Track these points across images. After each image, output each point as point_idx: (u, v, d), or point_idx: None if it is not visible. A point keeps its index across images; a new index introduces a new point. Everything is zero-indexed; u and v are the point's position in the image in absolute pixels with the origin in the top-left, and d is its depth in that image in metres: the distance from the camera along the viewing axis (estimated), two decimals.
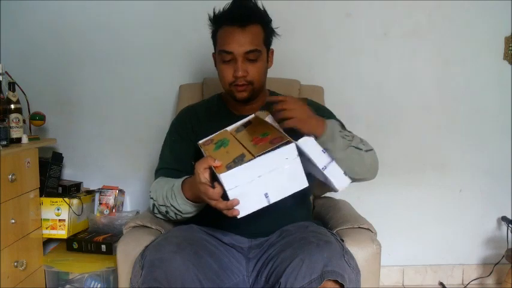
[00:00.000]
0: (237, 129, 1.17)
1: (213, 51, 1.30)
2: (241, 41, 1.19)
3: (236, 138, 1.11)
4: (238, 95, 1.25)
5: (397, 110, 2.01)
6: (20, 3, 1.91)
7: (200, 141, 1.19)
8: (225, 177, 0.96)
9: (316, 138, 1.07)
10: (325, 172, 1.04)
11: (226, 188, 0.97)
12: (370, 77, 1.99)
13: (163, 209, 1.22)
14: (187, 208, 1.17)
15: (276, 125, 1.11)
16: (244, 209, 1.00)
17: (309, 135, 1.06)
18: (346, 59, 1.98)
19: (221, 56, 1.23)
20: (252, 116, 1.19)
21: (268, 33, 1.27)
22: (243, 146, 1.05)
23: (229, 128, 1.19)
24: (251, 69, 1.21)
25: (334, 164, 1.05)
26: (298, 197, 1.30)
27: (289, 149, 0.99)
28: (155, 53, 1.96)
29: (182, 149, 1.30)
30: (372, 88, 1.99)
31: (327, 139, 1.10)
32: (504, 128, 2.02)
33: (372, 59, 1.98)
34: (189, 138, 1.30)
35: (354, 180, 1.19)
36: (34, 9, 1.92)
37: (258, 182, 0.98)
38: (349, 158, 1.13)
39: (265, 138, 1.04)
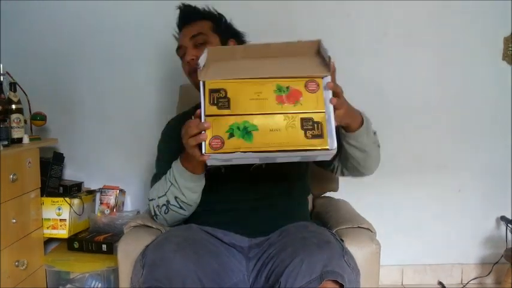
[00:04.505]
0: (220, 107, 0.96)
1: None
2: (186, 33, 1.30)
3: (250, 114, 0.95)
4: (197, 80, 1.25)
5: (397, 110, 2.01)
6: (20, 3, 1.92)
7: (203, 151, 0.95)
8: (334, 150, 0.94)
9: (353, 130, 1.07)
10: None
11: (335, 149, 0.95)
12: (370, 77, 1.99)
13: (162, 201, 1.18)
14: (186, 183, 1.13)
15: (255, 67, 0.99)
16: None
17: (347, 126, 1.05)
18: (346, 59, 1.97)
19: (178, 54, 1.32)
20: (203, 85, 0.98)
21: (221, 24, 1.33)
22: (283, 114, 0.94)
23: (203, 111, 0.97)
24: (200, 51, 1.21)
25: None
26: (297, 196, 1.32)
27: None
28: (156, 53, 1.96)
29: (176, 155, 1.29)
30: (371, 88, 2.00)
31: (364, 132, 1.09)
32: (503, 128, 2.03)
33: (372, 59, 1.99)
34: (181, 144, 1.30)
35: (361, 175, 1.23)
36: (35, 9, 1.92)
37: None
38: (374, 154, 1.17)
39: (294, 92, 0.96)
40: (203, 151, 0.95)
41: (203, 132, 0.95)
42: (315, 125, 0.94)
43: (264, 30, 1.94)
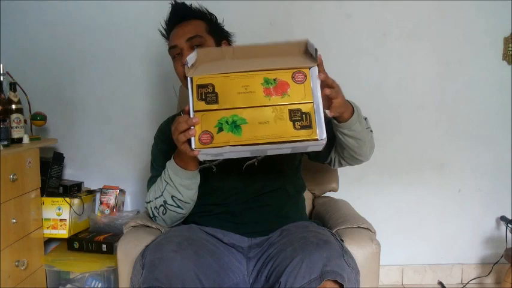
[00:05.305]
0: (208, 102, 0.97)
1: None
2: (181, 33, 1.26)
3: (238, 108, 0.95)
4: None
5: (397, 110, 2.02)
6: (21, 3, 1.92)
7: (193, 146, 0.96)
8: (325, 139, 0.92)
9: (345, 120, 1.07)
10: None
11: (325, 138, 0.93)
12: (370, 78, 2.00)
13: (159, 202, 1.18)
14: (181, 180, 1.13)
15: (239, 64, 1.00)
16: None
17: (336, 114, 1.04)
18: (346, 59, 1.98)
19: (171, 54, 1.28)
20: (191, 81, 0.99)
21: (213, 25, 1.31)
22: (271, 106, 0.94)
23: (191, 107, 0.97)
24: None
25: None
26: (293, 193, 1.32)
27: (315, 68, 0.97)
28: (156, 53, 1.96)
29: (168, 156, 1.26)
30: (371, 89, 2.00)
31: (356, 119, 1.09)
32: (503, 128, 2.03)
33: (372, 60, 1.99)
34: (173, 147, 1.30)
35: (358, 162, 1.23)
36: (35, 9, 1.93)
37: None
38: (368, 140, 1.17)
39: (282, 84, 0.96)
40: (193, 146, 0.95)
41: (192, 127, 0.96)
42: (303, 115, 0.94)
43: (264, 30, 1.95)
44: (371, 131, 1.21)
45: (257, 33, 1.89)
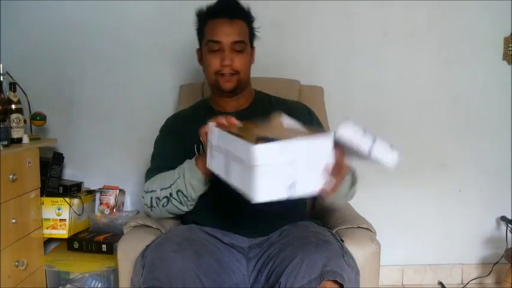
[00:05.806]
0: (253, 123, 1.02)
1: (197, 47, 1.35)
2: (228, 32, 1.25)
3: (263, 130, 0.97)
4: (224, 85, 1.26)
5: (397, 110, 2.01)
6: (20, 3, 1.92)
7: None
8: (255, 150, 0.83)
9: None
10: (373, 154, 0.97)
11: (258, 162, 0.83)
12: (370, 77, 2.00)
13: (164, 193, 1.18)
14: (191, 179, 1.14)
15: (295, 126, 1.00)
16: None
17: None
18: (346, 59, 1.98)
19: (209, 46, 1.27)
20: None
21: (251, 31, 1.33)
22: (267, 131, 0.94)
23: (239, 122, 1.05)
24: (237, 59, 1.25)
25: (378, 142, 0.96)
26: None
27: (327, 142, 0.89)
28: (156, 52, 1.96)
29: (173, 150, 1.29)
30: (371, 88, 2.00)
31: (337, 195, 1.04)
32: (503, 128, 2.03)
33: (372, 59, 1.99)
34: (179, 141, 1.31)
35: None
36: (35, 9, 1.92)
37: (289, 167, 0.86)
38: (342, 203, 1.25)
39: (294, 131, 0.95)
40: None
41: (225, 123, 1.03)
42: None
43: (264, 30, 1.94)
44: (354, 184, 1.17)
45: (257, 33, 1.88)
